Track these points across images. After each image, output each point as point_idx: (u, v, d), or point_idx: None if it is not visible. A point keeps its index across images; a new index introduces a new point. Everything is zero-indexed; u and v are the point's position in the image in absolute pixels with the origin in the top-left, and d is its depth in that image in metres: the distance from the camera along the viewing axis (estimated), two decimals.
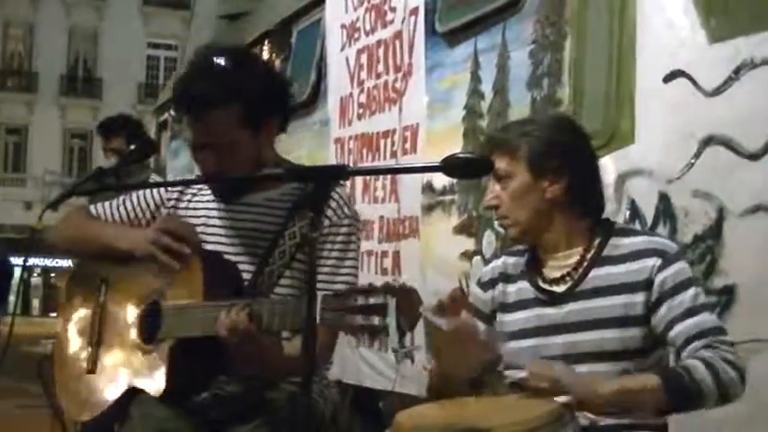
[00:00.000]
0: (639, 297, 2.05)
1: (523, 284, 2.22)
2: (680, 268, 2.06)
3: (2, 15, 33.56)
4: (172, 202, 2.49)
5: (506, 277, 2.26)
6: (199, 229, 2.41)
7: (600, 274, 2.10)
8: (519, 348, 2.15)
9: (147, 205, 2.50)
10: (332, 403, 2.40)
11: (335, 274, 2.31)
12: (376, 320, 1.68)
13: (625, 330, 2.06)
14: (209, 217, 2.43)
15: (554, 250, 2.18)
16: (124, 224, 2.50)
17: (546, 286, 2.17)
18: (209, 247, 2.37)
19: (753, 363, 2.35)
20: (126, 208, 2.51)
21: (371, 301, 1.70)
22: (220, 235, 2.39)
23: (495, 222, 2.28)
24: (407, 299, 1.70)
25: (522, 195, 2.15)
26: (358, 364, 4.15)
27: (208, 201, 2.45)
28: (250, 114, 2.30)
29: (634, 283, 2.06)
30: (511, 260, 2.27)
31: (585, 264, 2.13)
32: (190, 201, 2.48)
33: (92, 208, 2.56)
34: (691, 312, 2.02)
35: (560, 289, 2.14)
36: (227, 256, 2.34)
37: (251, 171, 2.35)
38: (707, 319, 2.03)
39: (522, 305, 2.20)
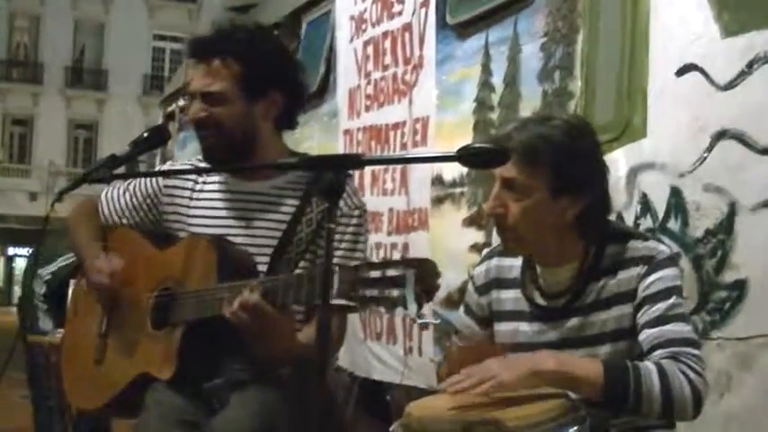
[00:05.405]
0: (628, 308, 2.00)
1: (518, 294, 2.16)
2: (664, 275, 1.98)
3: (8, 7, 33.56)
4: (178, 191, 2.49)
5: (500, 283, 2.21)
6: (208, 219, 2.41)
7: (596, 288, 2.04)
8: None
9: (147, 194, 2.52)
10: (342, 388, 2.41)
11: (348, 260, 2.31)
12: (394, 292, 1.66)
13: (616, 345, 2.01)
14: (217, 208, 2.43)
15: (552, 263, 2.10)
16: (125, 213, 2.53)
17: (542, 302, 2.11)
18: (219, 234, 2.37)
19: (763, 358, 2.35)
20: (126, 198, 2.55)
21: (389, 273, 1.69)
22: (231, 226, 2.40)
23: (494, 229, 2.18)
24: (425, 270, 1.68)
25: (538, 214, 2.02)
26: (366, 356, 4.15)
27: (214, 191, 2.46)
28: (249, 76, 2.35)
29: (624, 293, 2.01)
30: (504, 263, 2.21)
31: (582, 277, 2.06)
32: (193, 190, 2.48)
33: (103, 194, 2.57)
34: (661, 320, 1.94)
35: (558, 304, 2.09)
36: (238, 245, 2.34)
37: (265, 160, 2.37)
38: (678, 329, 1.93)
39: (517, 316, 2.15)
